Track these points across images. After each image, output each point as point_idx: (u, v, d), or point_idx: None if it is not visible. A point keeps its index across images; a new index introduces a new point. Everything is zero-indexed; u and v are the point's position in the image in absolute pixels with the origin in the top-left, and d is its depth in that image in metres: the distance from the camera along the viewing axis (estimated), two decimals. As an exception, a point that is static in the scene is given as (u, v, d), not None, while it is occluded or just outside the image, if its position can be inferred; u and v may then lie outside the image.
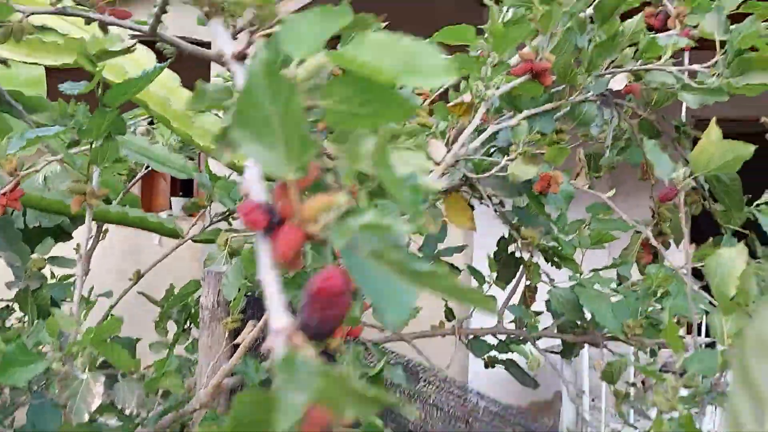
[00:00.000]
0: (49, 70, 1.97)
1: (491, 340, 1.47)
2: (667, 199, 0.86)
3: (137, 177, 1.83)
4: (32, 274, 1.53)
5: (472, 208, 1.18)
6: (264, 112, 0.26)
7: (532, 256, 1.17)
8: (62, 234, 2.07)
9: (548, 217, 1.05)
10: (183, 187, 5.60)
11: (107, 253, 4.16)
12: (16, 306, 1.63)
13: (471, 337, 1.45)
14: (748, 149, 0.69)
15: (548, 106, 1.00)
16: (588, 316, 1.27)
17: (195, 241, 1.76)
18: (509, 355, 1.49)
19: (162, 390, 0.95)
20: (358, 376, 0.73)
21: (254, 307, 1.15)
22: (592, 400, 3.79)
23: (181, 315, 1.48)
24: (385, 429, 0.65)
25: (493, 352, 1.47)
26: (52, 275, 1.77)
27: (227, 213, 1.71)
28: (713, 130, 0.72)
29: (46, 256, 1.58)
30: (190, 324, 1.52)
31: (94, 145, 1.00)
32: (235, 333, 1.12)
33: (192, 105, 0.42)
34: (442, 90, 1.40)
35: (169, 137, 1.81)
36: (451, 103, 0.95)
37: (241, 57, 0.36)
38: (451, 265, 1.41)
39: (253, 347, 1.12)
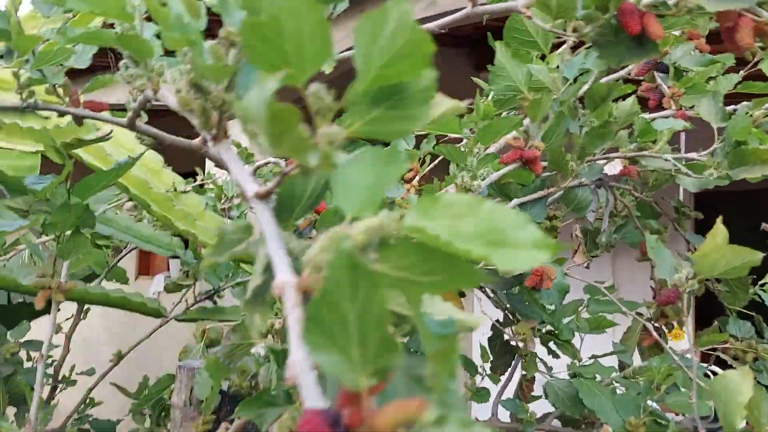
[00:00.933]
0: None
1: None
2: (669, 303, 0.80)
3: (124, 253, 1.78)
4: (5, 360, 1.46)
5: (463, 294, 1.12)
6: (340, 312, 0.23)
7: (526, 345, 1.10)
8: (47, 306, 2.00)
9: (543, 309, 0.99)
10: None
11: (97, 312, 4.09)
12: (-11, 391, 1.55)
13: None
14: (756, 256, 0.64)
15: (540, 193, 0.95)
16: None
17: (178, 320, 1.69)
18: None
19: None
20: None
21: (228, 405, 1.08)
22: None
23: (155, 409, 1.40)
24: None
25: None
26: (29, 357, 1.70)
27: (212, 292, 1.65)
28: (719, 232, 0.66)
29: (22, 340, 1.52)
30: (165, 416, 1.44)
31: (61, 239, 0.95)
32: (209, 435, 1.04)
33: (213, 254, 0.38)
34: (429, 169, 1.36)
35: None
36: (435, 195, 0.91)
37: (265, 196, 0.32)
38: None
39: (228, 452, 1.04)
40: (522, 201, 0.94)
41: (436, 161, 1.42)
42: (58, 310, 1.00)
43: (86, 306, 1.74)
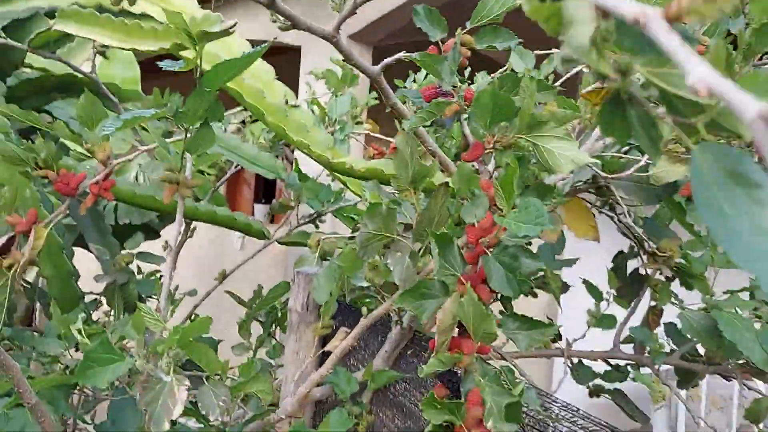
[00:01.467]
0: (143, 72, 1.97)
1: (597, 368, 1.32)
2: None
3: (225, 176, 1.80)
4: (120, 269, 1.51)
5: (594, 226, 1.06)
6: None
7: (661, 272, 1.03)
8: (150, 232, 2.07)
9: (690, 228, 0.91)
10: (265, 195, 5.68)
11: (189, 256, 4.24)
12: (103, 299, 1.62)
13: (576, 361, 1.31)
14: None
15: (695, 98, 0.86)
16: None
17: (280, 243, 1.70)
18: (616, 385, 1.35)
19: (241, 396, 0.87)
20: (495, 395, 0.62)
21: (345, 313, 1.06)
22: (687, 433, 3.51)
23: (267, 317, 1.41)
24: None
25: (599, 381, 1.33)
26: (139, 271, 1.76)
27: (314, 215, 1.64)
28: None
29: (135, 251, 1.56)
30: (275, 327, 1.45)
31: (188, 133, 0.94)
32: (324, 340, 1.03)
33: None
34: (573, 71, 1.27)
35: (259, 136, 1.77)
36: (585, 89, 0.84)
37: None
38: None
39: (345, 358, 1.03)
40: (675, 105, 0.86)
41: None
42: (183, 201, 1.00)
43: (193, 225, 1.78)
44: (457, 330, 0.66)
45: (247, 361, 1.00)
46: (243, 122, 1.92)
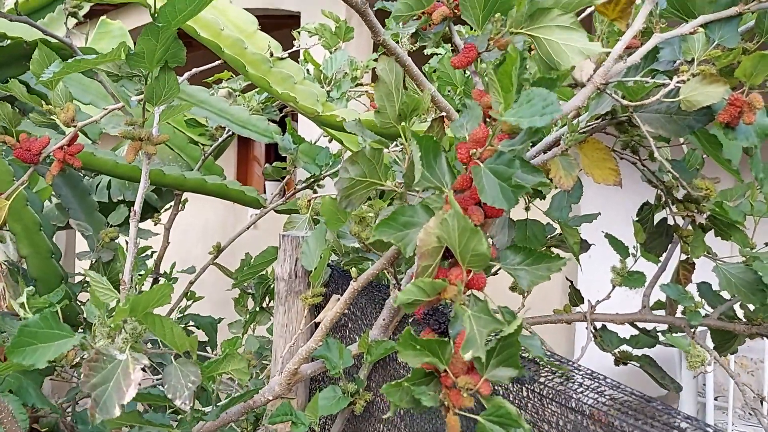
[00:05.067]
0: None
1: (622, 333, 1.21)
2: None
3: (217, 143, 1.68)
4: (104, 245, 1.41)
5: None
6: None
7: (694, 220, 0.91)
8: (148, 209, 1.98)
9: (727, 164, 0.78)
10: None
11: (199, 238, 4.15)
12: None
13: (600, 326, 1.19)
14: None
15: (732, 10, 0.74)
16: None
17: (278, 212, 1.59)
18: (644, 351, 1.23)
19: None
20: (487, 334, 0.52)
21: (339, 281, 0.95)
22: (716, 399, 3.39)
23: (258, 288, 1.31)
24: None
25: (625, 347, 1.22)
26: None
27: (312, 179, 1.53)
28: None
29: (118, 223, 1.47)
30: (269, 300, 1.35)
31: (149, 80, 0.83)
32: (317, 310, 0.93)
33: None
34: None
35: (250, 99, 1.66)
36: (600, 1, 0.71)
37: None
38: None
39: (337, 326, 0.92)
40: (709, 20, 0.73)
41: None
42: (149, 161, 0.89)
43: (184, 197, 1.68)
44: (447, 263, 0.55)
45: (231, 338, 0.89)
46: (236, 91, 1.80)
